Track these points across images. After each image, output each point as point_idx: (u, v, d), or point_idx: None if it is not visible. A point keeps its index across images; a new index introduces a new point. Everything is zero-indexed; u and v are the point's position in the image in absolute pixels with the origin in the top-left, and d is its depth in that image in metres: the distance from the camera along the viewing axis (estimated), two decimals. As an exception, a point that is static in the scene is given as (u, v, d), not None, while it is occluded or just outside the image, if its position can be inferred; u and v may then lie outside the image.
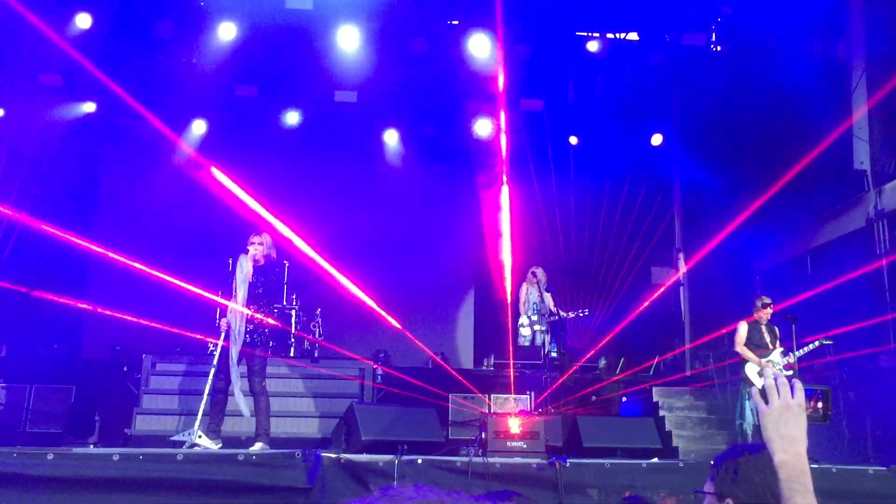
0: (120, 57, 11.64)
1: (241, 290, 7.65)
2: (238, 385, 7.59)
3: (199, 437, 7.33)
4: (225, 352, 7.64)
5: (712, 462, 2.34)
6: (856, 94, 10.58)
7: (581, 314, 11.21)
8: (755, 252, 11.87)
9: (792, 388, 2.13)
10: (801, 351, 8.55)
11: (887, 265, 9.69)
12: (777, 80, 10.88)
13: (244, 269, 7.68)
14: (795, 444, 2.08)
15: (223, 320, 7.78)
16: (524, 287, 11.58)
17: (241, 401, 7.62)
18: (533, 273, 11.47)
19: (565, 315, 11.14)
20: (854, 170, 10.47)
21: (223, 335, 7.66)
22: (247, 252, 7.77)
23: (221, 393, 7.70)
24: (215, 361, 7.66)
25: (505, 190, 12.89)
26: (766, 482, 2.11)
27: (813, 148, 10.33)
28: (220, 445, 7.51)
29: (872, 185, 10.27)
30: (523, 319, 11.45)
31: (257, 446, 7.52)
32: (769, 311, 8.93)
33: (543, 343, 11.20)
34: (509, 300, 11.67)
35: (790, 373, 8.51)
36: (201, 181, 12.26)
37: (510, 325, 11.55)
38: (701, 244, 12.67)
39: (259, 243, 7.87)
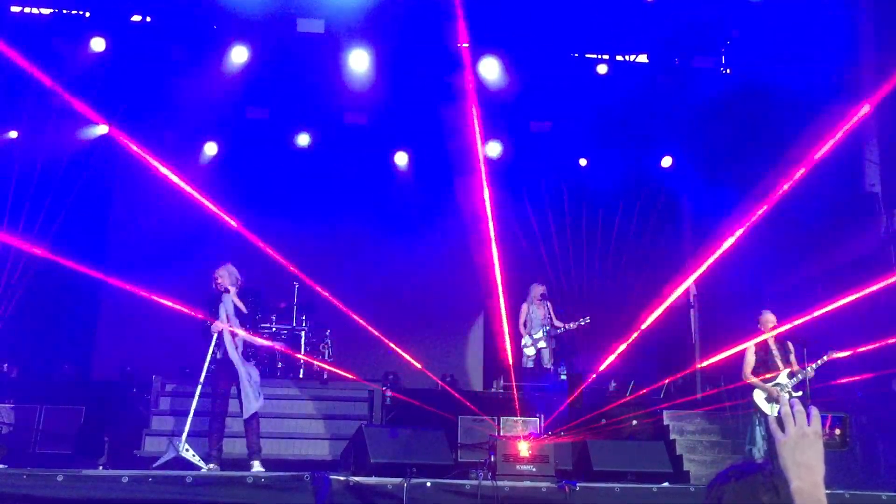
0: (133, 79, 11.77)
1: (234, 320, 7.96)
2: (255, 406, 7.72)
3: (187, 450, 7.38)
4: (211, 375, 7.88)
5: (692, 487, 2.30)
6: (867, 117, 10.57)
7: (583, 322, 11.15)
8: (766, 273, 11.82)
9: (808, 415, 2.11)
10: (809, 368, 8.41)
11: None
12: (786, 102, 10.89)
13: (228, 307, 7.97)
14: (812, 472, 2.05)
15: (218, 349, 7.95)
16: (524, 307, 11.48)
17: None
18: (542, 295, 11.40)
19: (568, 326, 11.09)
20: (865, 192, 10.44)
21: (209, 358, 7.84)
22: (228, 291, 8.02)
23: (222, 417, 7.94)
24: (202, 379, 7.81)
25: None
26: None
27: (823, 170, 10.31)
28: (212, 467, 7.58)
29: (884, 207, 10.24)
30: (525, 340, 11.36)
31: (257, 465, 7.59)
32: (772, 320, 8.85)
33: (550, 364, 11.15)
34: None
35: (799, 394, 8.43)
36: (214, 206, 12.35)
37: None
38: (711, 266, 12.62)
39: (221, 276, 8.14)
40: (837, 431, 2.26)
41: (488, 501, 6.46)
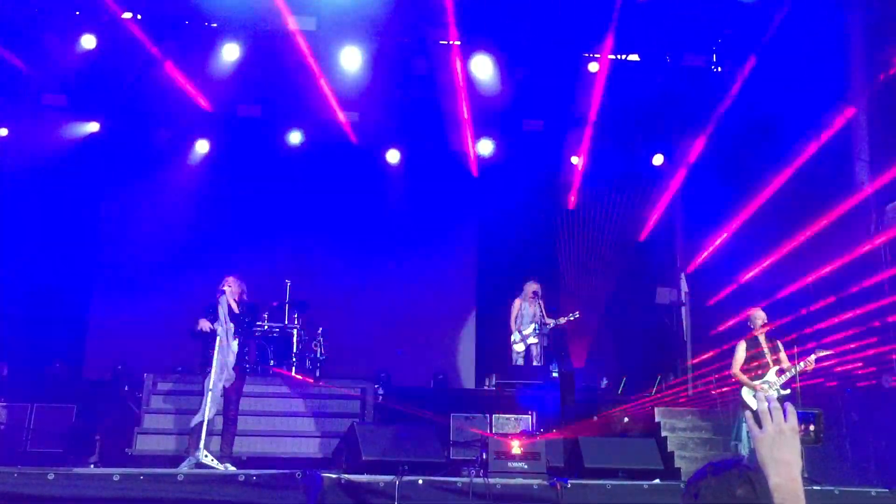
0: (124, 77, 11.74)
1: (229, 325, 8.02)
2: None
3: (206, 455, 7.35)
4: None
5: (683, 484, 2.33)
6: (857, 115, 10.62)
7: (572, 318, 11.17)
8: (757, 271, 11.86)
9: (784, 412, 2.14)
10: (797, 367, 8.45)
11: (888, 285, 9.67)
12: (777, 99, 10.93)
13: (224, 308, 8.04)
14: (790, 468, 2.09)
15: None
16: (516, 302, 11.49)
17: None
18: (535, 293, 11.42)
19: (558, 322, 11.11)
20: (855, 190, 10.47)
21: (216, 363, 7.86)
22: (224, 293, 8.13)
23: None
24: (211, 385, 7.79)
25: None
26: None
27: (813, 168, 10.35)
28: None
29: (873, 205, 10.28)
30: (515, 336, 11.39)
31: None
32: (762, 318, 8.90)
33: (541, 358, 11.17)
34: None
35: (788, 391, 8.47)
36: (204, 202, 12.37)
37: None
38: (702, 264, 12.68)
39: (229, 283, 8.32)
40: (812, 428, 2.30)
41: (480, 498, 6.47)
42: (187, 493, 5.76)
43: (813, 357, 8.35)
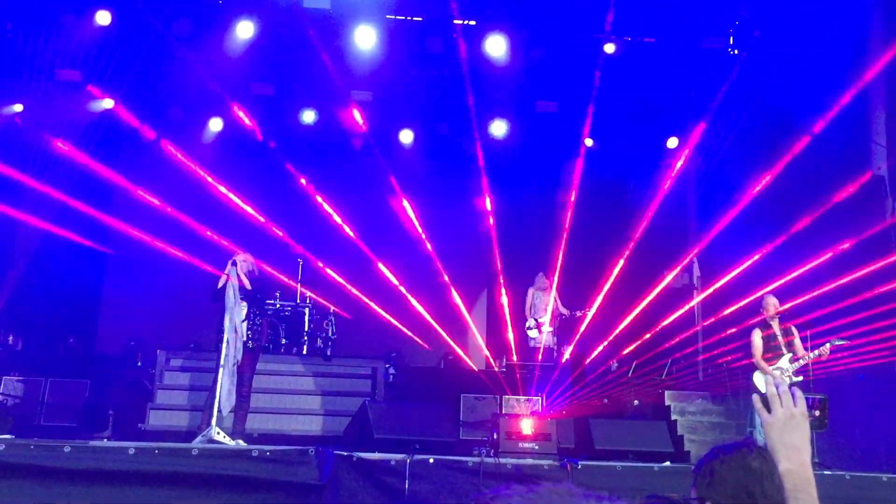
0: (138, 54, 11.72)
1: (238, 299, 7.99)
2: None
3: (218, 433, 7.38)
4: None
5: (693, 467, 2.34)
6: (875, 99, 10.52)
7: (588, 315, 11.23)
8: (770, 256, 11.80)
9: (793, 396, 2.14)
10: (811, 355, 8.42)
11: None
12: (794, 83, 10.83)
13: (234, 283, 8.02)
14: (800, 453, 2.08)
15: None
16: (530, 291, 11.60)
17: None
18: (547, 281, 11.51)
19: (574, 314, 11.15)
20: (872, 175, 10.41)
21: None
22: (236, 265, 8.10)
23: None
24: (223, 360, 7.79)
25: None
26: (741, 481, 2.11)
27: (831, 152, 10.28)
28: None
29: (890, 189, 10.22)
30: (529, 322, 11.47)
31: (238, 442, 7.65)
32: (775, 303, 8.85)
33: (553, 344, 11.21)
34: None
35: (800, 378, 8.44)
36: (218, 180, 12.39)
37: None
38: (715, 248, 12.62)
39: (243, 260, 8.31)
40: (817, 413, 2.30)
41: (491, 478, 6.50)
42: (201, 468, 5.80)
43: (828, 345, 8.30)
